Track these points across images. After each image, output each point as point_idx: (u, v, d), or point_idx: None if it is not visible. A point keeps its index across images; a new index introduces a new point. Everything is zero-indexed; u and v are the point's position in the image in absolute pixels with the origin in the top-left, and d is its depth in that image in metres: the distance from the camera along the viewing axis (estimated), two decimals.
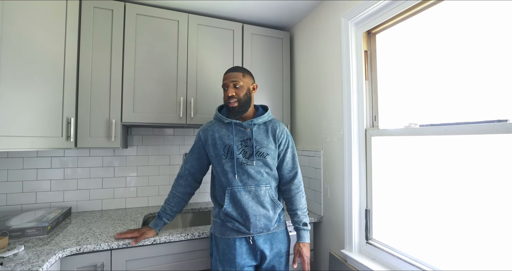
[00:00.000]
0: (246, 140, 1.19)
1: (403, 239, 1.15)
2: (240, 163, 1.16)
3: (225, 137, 1.19)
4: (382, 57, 1.30)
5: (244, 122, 1.20)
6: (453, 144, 0.96)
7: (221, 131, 1.21)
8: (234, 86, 1.19)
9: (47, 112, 1.28)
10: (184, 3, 1.64)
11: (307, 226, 1.22)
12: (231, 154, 1.17)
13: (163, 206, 1.28)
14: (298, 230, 1.22)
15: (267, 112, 1.26)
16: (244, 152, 1.17)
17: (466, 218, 0.92)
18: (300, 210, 1.23)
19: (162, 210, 1.27)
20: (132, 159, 1.80)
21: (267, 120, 1.26)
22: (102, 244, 1.15)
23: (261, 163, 1.18)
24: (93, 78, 1.46)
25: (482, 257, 0.87)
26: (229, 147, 1.17)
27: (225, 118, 1.21)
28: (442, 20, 1.02)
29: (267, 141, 1.20)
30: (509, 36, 0.81)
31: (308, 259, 1.19)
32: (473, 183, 0.90)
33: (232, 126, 1.20)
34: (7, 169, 1.54)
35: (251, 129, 1.20)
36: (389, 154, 1.24)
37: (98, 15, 1.49)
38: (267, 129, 1.23)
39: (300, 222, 1.21)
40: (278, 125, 1.26)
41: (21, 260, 0.97)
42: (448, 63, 1.00)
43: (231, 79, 1.20)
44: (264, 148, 1.19)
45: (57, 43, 1.33)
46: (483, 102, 0.88)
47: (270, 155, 1.19)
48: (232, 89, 1.19)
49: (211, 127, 1.24)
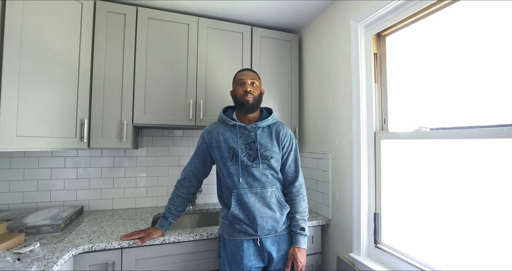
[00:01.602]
0: (250, 143, 1.19)
1: (413, 243, 1.14)
2: (245, 166, 1.16)
3: (230, 139, 1.20)
4: (392, 60, 1.29)
5: (248, 125, 1.21)
6: (465, 147, 0.95)
7: (225, 133, 1.21)
8: (251, 83, 1.22)
9: (62, 113, 1.33)
10: (195, 7, 1.67)
11: (305, 231, 1.19)
12: (236, 157, 1.17)
13: (167, 206, 1.30)
14: (295, 235, 1.19)
15: (271, 115, 1.27)
16: (248, 155, 1.18)
17: (477, 223, 0.91)
18: (299, 213, 1.21)
19: (167, 210, 1.29)
20: (142, 160, 1.84)
21: (271, 123, 1.27)
22: (113, 242, 1.18)
23: (266, 165, 1.18)
24: (105, 80, 1.50)
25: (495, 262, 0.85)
26: (234, 150, 1.18)
27: (230, 120, 1.22)
28: (453, 22, 1.00)
29: (271, 144, 1.21)
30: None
31: (302, 265, 1.15)
32: (485, 188, 0.88)
33: (237, 129, 1.20)
34: (23, 168, 1.60)
35: (255, 133, 1.20)
36: (398, 157, 1.23)
37: (111, 19, 1.53)
38: (271, 132, 1.24)
39: (298, 226, 1.19)
40: (282, 128, 1.26)
41: (36, 256, 1.01)
42: (459, 66, 0.98)
43: (250, 77, 1.23)
44: (268, 151, 1.19)
45: (72, 47, 1.38)
46: (496, 105, 0.87)
47: (274, 158, 1.20)
48: (249, 86, 1.21)
49: (216, 129, 1.24)
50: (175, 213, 1.28)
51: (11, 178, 1.58)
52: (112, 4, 1.53)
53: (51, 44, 1.29)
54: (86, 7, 1.44)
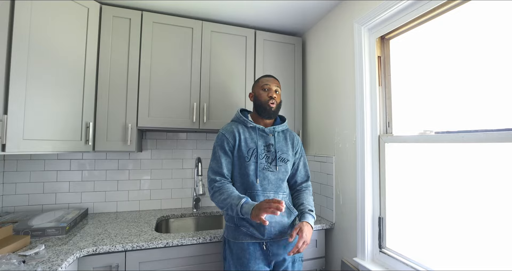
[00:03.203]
0: (268, 145, 1.23)
1: (418, 248, 1.12)
2: (262, 168, 1.19)
3: (249, 140, 1.22)
4: (396, 63, 1.28)
5: (266, 128, 1.25)
6: (470, 151, 0.93)
7: (245, 133, 1.23)
8: (275, 91, 1.27)
9: (68, 116, 1.35)
10: (199, 11, 1.69)
11: (313, 213, 1.20)
12: (254, 158, 1.19)
13: (228, 200, 1.09)
14: (303, 213, 1.18)
15: (285, 122, 1.33)
16: (267, 157, 1.21)
17: (484, 228, 0.89)
18: (306, 202, 1.24)
19: (237, 198, 1.08)
20: (146, 162, 1.85)
21: (285, 129, 1.33)
22: (117, 245, 1.18)
23: (283, 169, 1.22)
24: (111, 84, 1.52)
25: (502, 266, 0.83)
26: (253, 150, 1.20)
27: (250, 121, 1.24)
28: (458, 25, 1.00)
29: (287, 148, 1.27)
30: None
31: (306, 238, 1.10)
32: (491, 193, 0.87)
33: (256, 131, 1.23)
34: (30, 171, 1.62)
35: (274, 136, 1.25)
36: (403, 160, 1.22)
37: (117, 23, 1.55)
38: (286, 137, 1.30)
39: (306, 209, 1.20)
40: (294, 135, 1.35)
41: (41, 258, 1.01)
42: (464, 69, 0.97)
43: (275, 84, 1.29)
44: (285, 154, 1.25)
45: (78, 51, 1.40)
46: (502, 109, 0.86)
47: (290, 161, 1.26)
48: (274, 93, 1.26)
49: (236, 129, 1.24)
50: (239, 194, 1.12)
51: (18, 180, 1.60)
52: (117, 9, 1.55)
53: (58, 48, 1.31)
54: (92, 12, 1.46)
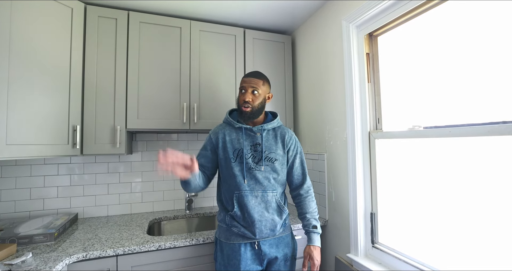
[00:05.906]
0: (255, 145, 1.20)
1: (410, 242, 1.13)
2: (249, 168, 1.17)
3: (235, 140, 1.20)
4: (385, 59, 1.29)
5: (254, 127, 1.21)
6: (458, 145, 0.95)
7: (231, 135, 1.22)
8: (252, 92, 1.18)
9: (54, 120, 1.31)
10: (187, 10, 1.67)
11: (317, 229, 1.19)
12: (240, 158, 1.18)
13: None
14: (308, 233, 1.20)
15: (276, 119, 1.28)
16: (253, 157, 1.19)
17: (472, 221, 0.91)
18: (309, 213, 1.21)
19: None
20: (137, 165, 1.82)
21: (276, 126, 1.27)
22: (108, 250, 1.16)
23: (269, 168, 1.18)
24: (98, 86, 1.49)
25: (490, 259, 0.85)
26: (238, 151, 1.18)
27: (236, 122, 1.22)
28: (445, 21, 1.01)
29: (276, 147, 1.22)
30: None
31: (318, 263, 1.16)
32: (479, 186, 0.89)
33: (243, 131, 1.21)
34: (15, 176, 1.57)
35: (261, 135, 1.21)
36: (393, 156, 1.23)
37: (102, 24, 1.51)
38: (276, 135, 1.24)
39: (310, 225, 1.20)
40: (287, 132, 1.27)
41: (29, 267, 0.98)
42: (451, 64, 0.99)
43: (251, 85, 1.19)
44: (273, 153, 1.20)
45: (63, 52, 1.36)
46: (488, 103, 0.87)
47: (279, 160, 1.20)
48: (250, 95, 1.18)
49: (222, 130, 1.24)
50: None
51: (3, 186, 1.55)
52: (103, 9, 1.52)
53: (41, 50, 1.27)
54: (77, 12, 1.42)
